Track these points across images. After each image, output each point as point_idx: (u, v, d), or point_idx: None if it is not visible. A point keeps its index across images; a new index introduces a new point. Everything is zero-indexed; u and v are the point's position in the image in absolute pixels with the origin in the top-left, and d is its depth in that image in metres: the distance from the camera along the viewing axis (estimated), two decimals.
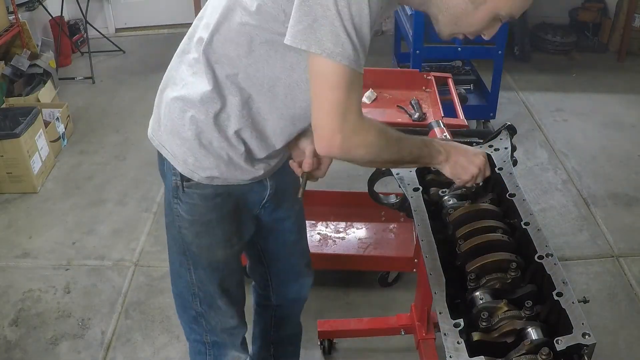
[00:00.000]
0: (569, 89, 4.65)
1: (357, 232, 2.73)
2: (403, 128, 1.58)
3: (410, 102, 2.47)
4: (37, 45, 4.53)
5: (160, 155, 1.47)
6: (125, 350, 2.44)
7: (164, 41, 5.40)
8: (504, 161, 1.57)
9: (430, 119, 2.32)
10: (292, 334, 2.01)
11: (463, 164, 1.45)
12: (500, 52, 3.57)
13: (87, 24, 4.99)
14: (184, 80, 1.37)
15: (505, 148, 1.62)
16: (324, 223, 2.76)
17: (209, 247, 1.53)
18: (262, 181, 1.52)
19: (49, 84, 4.12)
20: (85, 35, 5.06)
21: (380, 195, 1.71)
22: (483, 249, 1.35)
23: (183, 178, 1.43)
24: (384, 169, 1.62)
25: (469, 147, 1.51)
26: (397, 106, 2.52)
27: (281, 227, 1.70)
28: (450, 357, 1.13)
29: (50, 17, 4.86)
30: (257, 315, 1.97)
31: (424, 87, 2.56)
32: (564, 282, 1.22)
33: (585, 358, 1.11)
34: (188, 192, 1.45)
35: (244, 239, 1.60)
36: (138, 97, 4.46)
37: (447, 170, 1.45)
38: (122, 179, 3.53)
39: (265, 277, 1.84)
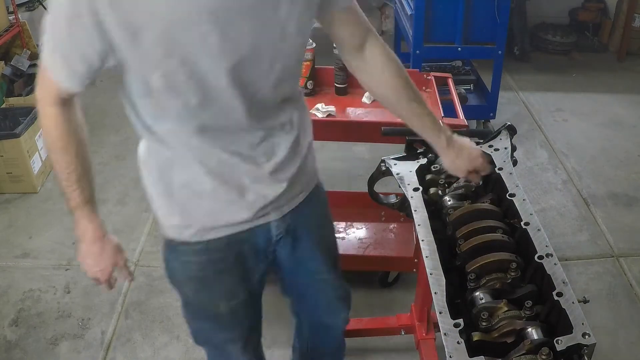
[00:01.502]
0: (569, 89, 4.65)
1: (357, 232, 2.73)
2: (404, 129, 1.59)
3: None
4: (37, 45, 4.52)
5: None
6: (125, 350, 2.44)
7: None
8: (504, 161, 1.57)
9: None
10: (331, 352, 1.90)
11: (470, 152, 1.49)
12: (500, 52, 3.57)
13: None
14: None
15: (505, 148, 1.62)
16: None
17: (210, 301, 1.46)
18: (265, 225, 1.40)
19: None
20: None
21: (380, 195, 1.71)
22: (483, 249, 1.35)
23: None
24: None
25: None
26: None
27: (304, 267, 1.58)
28: (450, 357, 1.13)
29: None
30: (295, 330, 1.87)
31: (424, 87, 2.56)
32: (564, 282, 1.22)
33: (585, 358, 1.11)
34: (179, 249, 1.39)
35: (253, 284, 1.50)
36: None
37: (451, 154, 1.49)
38: (122, 179, 3.53)
39: (293, 308, 1.75)
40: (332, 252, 1.65)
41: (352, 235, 2.71)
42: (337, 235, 2.69)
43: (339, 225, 2.75)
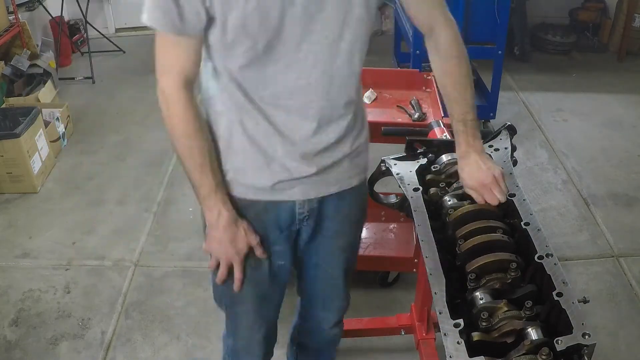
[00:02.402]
0: (569, 89, 4.65)
1: None
2: (404, 129, 1.59)
3: (410, 102, 2.47)
4: (37, 45, 4.53)
5: None
6: (125, 350, 2.44)
7: None
8: (504, 161, 1.57)
9: (430, 119, 2.32)
10: (316, 348, 1.90)
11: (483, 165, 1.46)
12: (500, 52, 3.57)
13: (87, 24, 4.99)
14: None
15: (505, 148, 1.62)
16: None
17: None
18: (288, 201, 1.42)
19: (49, 84, 4.13)
20: (85, 35, 5.05)
21: (380, 195, 1.71)
22: (483, 249, 1.35)
23: None
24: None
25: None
26: (397, 106, 2.52)
27: (318, 262, 1.60)
28: (450, 357, 1.13)
29: (50, 17, 4.87)
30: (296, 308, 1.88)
31: (424, 87, 2.56)
32: (564, 282, 1.22)
33: (585, 358, 1.11)
34: None
35: (271, 256, 1.48)
36: (138, 97, 4.45)
37: (463, 162, 1.48)
38: (122, 179, 3.53)
39: (298, 287, 1.76)
40: (350, 259, 1.65)
41: None
42: None
43: None
